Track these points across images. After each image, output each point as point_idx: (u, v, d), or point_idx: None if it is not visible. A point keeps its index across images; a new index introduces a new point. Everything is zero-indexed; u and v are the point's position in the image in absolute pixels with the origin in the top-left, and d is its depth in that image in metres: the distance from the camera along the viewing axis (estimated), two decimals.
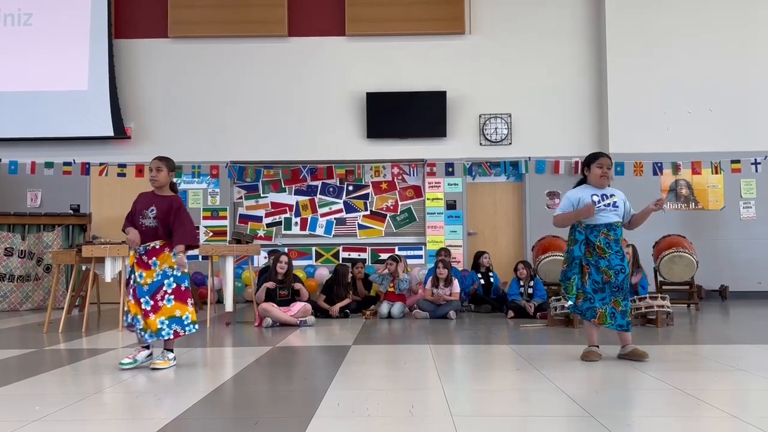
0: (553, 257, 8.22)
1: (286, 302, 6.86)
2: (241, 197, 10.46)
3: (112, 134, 10.04)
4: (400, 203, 10.37)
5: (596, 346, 4.46)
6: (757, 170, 9.46)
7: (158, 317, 4.20)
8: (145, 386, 3.78)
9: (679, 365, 4.35)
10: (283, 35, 10.29)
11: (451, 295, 7.55)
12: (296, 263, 9.29)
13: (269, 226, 10.37)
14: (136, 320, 4.24)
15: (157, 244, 4.26)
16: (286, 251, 8.93)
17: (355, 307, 7.93)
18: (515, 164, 10.04)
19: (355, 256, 10.09)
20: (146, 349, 4.29)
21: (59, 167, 9.66)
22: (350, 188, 10.40)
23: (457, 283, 7.69)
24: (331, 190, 10.40)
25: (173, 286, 4.27)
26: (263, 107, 10.30)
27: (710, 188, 9.93)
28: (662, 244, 8.18)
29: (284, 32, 10.28)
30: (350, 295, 7.92)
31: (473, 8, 10.30)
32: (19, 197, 10.09)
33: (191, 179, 10.17)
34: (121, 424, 3.03)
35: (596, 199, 4.36)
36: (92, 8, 10.22)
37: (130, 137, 10.16)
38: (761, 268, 9.67)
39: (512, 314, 7.38)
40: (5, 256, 8.61)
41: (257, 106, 10.31)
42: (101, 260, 6.41)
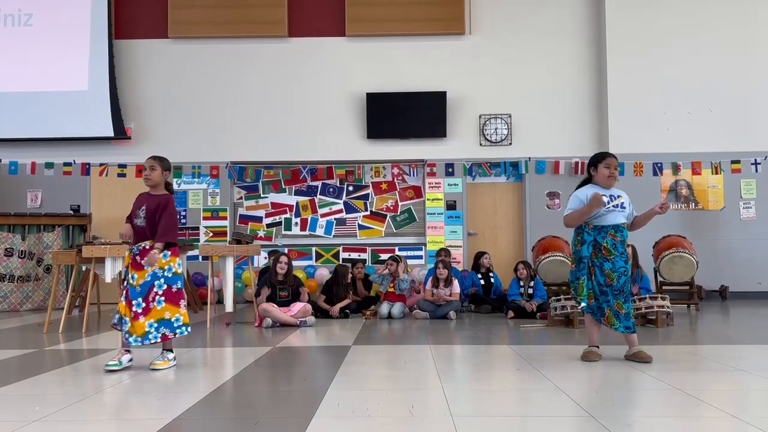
0: (553, 257, 8.22)
1: (286, 303, 6.87)
2: (241, 197, 10.46)
3: (112, 134, 10.05)
4: (400, 203, 10.37)
5: (596, 346, 4.46)
6: (757, 170, 9.48)
7: (147, 320, 4.17)
8: (145, 386, 3.78)
9: (679, 365, 4.34)
10: (283, 35, 10.30)
11: (451, 295, 7.55)
12: (296, 263, 9.28)
13: (269, 226, 10.38)
14: (123, 322, 4.20)
15: (147, 244, 4.24)
16: (286, 251, 8.94)
17: (355, 307, 7.93)
18: (515, 164, 10.05)
19: (355, 256, 10.09)
20: (128, 353, 4.25)
21: (59, 167, 9.68)
22: (350, 188, 10.40)
23: (457, 283, 7.70)
24: (331, 190, 10.40)
25: (164, 287, 4.23)
26: (263, 107, 10.30)
27: (710, 188, 9.93)
28: (662, 244, 8.18)
29: (284, 32, 10.28)
30: (350, 295, 7.91)
31: (473, 8, 10.30)
32: (19, 197, 10.09)
33: (191, 179, 10.18)
34: (121, 424, 3.04)
35: (605, 199, 4.34)
36: (92, 9, 10.22)
37: (130, 137, 10.17)
38: (761, 268, 9.67)
39: (512, 314, 7.39)
40: (5, 256, 8.62)
41: (257, 106, 10.31)
42: (101, 261, 6.41)
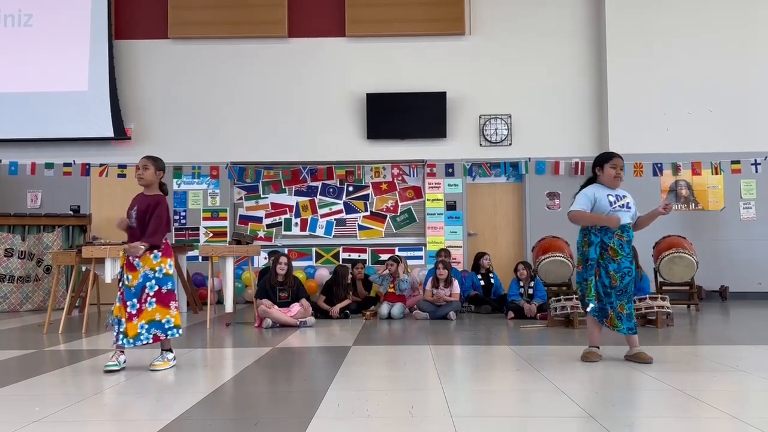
0: (553, 258, 8.23)
1: (286, 303, 6.87)
2: (241, 198, 10.46)
3: (112, 135, 10.05)
4: (400, 204, 10.37)
5: (597, 346, 4.46)
6: (757, 171, 9.48)
7: (140, 321, 4.18)
8: (145, 387, 3.78)
9: (679, 366, 4.34)
10: (283, 36, 10.30)
11: (451, 295, 7.55)
12: (296, 264, 9.28)
13: (269, 226, 10.37)
14: (120, 323, 4.22)
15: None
16: (285, 252, 8.94)
17: (355, 307, 7.92)
18: (515, 165, 10.05)
19: (355, 256, 10.09)
20: (123, 353, 4.25)
21: (59, 168, 9.68)
22: (350, 189, 10.40)
23: (457, 284, 7.69)
24: (331, 190, 10.40)
25: (155, 288, 4.23)
26: (263, 108, 10.30)
27: (710, 189, 9.93)
28: (662, 244, 8.18)
29: (284, 33, 10.28)
30: (350, 295, 7.91)
31: (473, 9, 10.30)
32: (19, 198, 10.09)
33: (191, 180, 10.18)
34: (121, 425, 3.04)
35: (612, 199, 4.35)
36: (92, 9, 10.22)
37: (130, 138, 10.17)
38: (761, 268, 9.67)
39: (512, 315, 7.39)
40: (5, 257, 8.61)
41: (257, 106, 10.31)
42: (101, 261, 6.41)
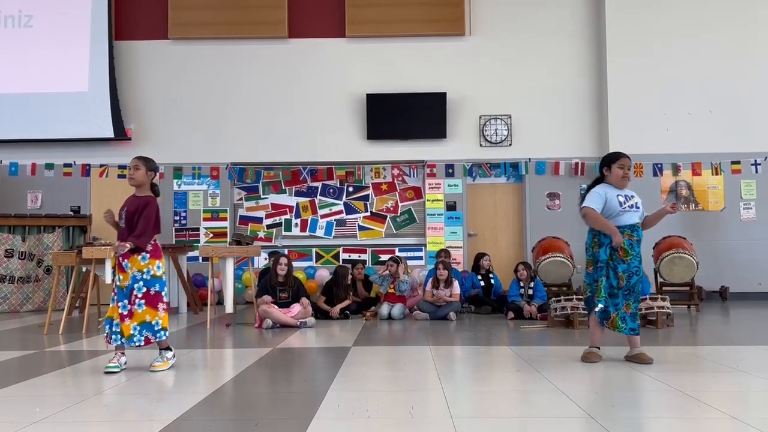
0: (553, 258, 8.24)
1: (286, 304, 6.87)
2: (241, 198, 10.46)
3: (112, 135, 10.04)
4: (400, 204, 10.36)
5: (597, 347, 4.45)
6: (757, 171, 9.48)
7: (132, 323, 4.19)
8: (145, 388, 3.78)
9: (679, 366, 4.34)
10: (283, 36, 10.29)
11: (451, 296, 7.55)
12: (296, 264, 9.28)
13: (269, 227, 10.37)
14: (111, 323, 4.23)
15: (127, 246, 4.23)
16: (285, 253, 8.95)
17: (355, 308, 7.92)
18: (515, 165, 10.05)
19: (355, 257, 10.09)
20: (123, 354, 4.27)
21: (59, 168, 9.68)
22: (350, 189, 10.40)
23: (457, 284, 7.69)
24: (331, 191, 10.40)
25: (143, 290, 4.21)
26: (263, 108, 10.30)
27: (710, 189, 9.93)
28: (662, 245, 8.19)
29: (284, 33, 10.28)
30: (350, 296, 7.91)
31: (473, 9, 10.29)
32: (19, 199, 10.09)
33: (191, 180, 10.18)
34: (121, 425, 3.04)
35: (621, 199, 4.34)
36: (92, 10, 10.22)
37: (130, 138, 10.16)
38: (761, 269, 9.66)
39: (512, 315, 7.39)
40: (6, 257, 8.62)
41: (257, 107, 10.30)
42: (101, 262, 6.41)
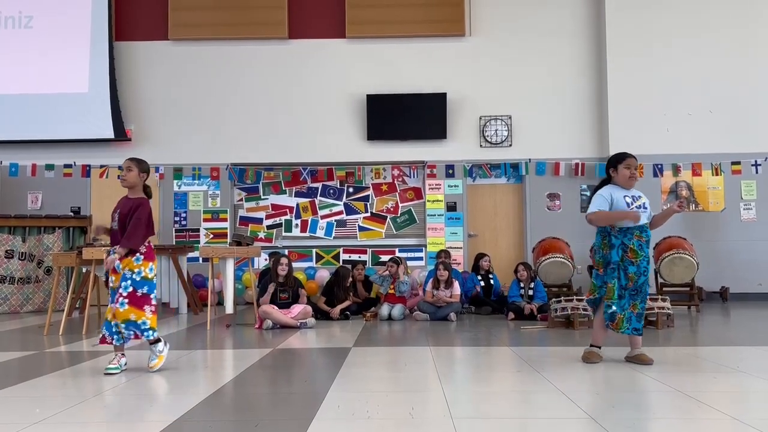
0: (553, 259, 8.24)
1: (286, 304, 6.87)
2: (241, 199, 10.46)
3: (112, 136, 10.05)
4: (400, 205, 10.36)
5: (599, 347, 4.44)
6: (757, 171, 9.48)
7: (118, 320, 4.18)
8: (145, 389, 3.78)
9: (679, 367, 4.34)
10: (283, 37, 10.30)
11: (451, 296, 7.54)
12: (297, 265, 9.28)
13: (270, 228, 10.37)
14: (114, 324, 4.23)
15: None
16: (286, 253, 8.95)
17: (355, 309, 7.92)
18: (515, 166, 10.05)
19: (355, 258, 10.09)
20: (124, 356, 4.27)
21: (60, 169, 9.69)
22: (350, 190, 10.40)
23: (457, 285, 7.68)
24: (331, 191, 10.40)
25: (129, 290, 4.19)
26: (264, 109, 10.30)
27: (710, 190, 9.93)
28: (663, 245, 8.18)
29: (284, 34, 10.28)
30: (350, 297, 7.91)
31: (473, 9, 10.30)
32: (19, 199, 10.09)
33: (192, 181, 10.18)
34: (121, 426, 3.03)
35: (629, 200, 4.32)
36: (92, 11, 10.22)
37: (130, 139, 10.17)
38: (762, 269, 9.65)
39: (512, 316, 7.38)
40: (6, 258, 8.61)
41: (258, 108, 10.31)
42: (102, 262, 6.40)
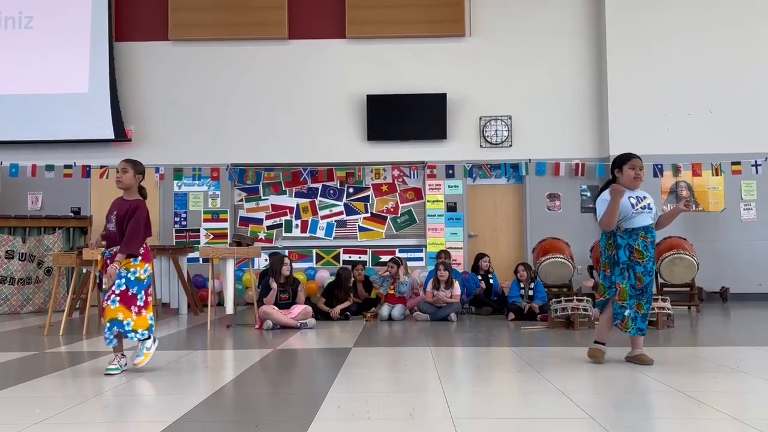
0: (553, 259, 8.24)
1: (286, 305, 6.87)
2: (241, 199, 10.46)
3: (112, 137, 10.04)
4: (400, 205, 10.36)
5: (603, 343, 4.41)
6: (757, 172, 9.48)
7: (106, 319, 4.17)
8: (145, 389, 3.78)
9: (679, 367, 4.34)
10: (283, 38, 10.29)
11: (451, 297, 7.54)
12: (297, 266, 9.28)
13: (270, 228, 10.37)
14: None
15: (116, 249, 4.20)
16: (286, 254, 8.94)
17: (355, 309, 7.92)
18: (515, 166, 10.05)
19: (355, 258, 10.09)
20: (124, 356, 4.27)
21: (60, 170, 9.69)
22: (351, 190, 10.40)
23: (458, 285, 7.68)
24: (331, 192, 10.40)
25: (122, 287, 4.16)
26: (264, 109, 10.30)
27: (711, 190, 9.92)
28: (663, 245, 8.18)
29: (284, 35, 10.28)
30: (351, 297, 7.92)
31: (473, 10, 10.29)
32: (19, 200, 10.09)
33: (192, 182, 10.18)
34: (121, 427, 3.04)
35: (633, 201, 4.29)
36: (92, 11, 10.22)
37: (130, 140, 10.16)
38: (762, 269, 9.65)
39: (513, 316, 7.38)
40: (6, 259, 8.61)
41: (258, 108, 10.31)
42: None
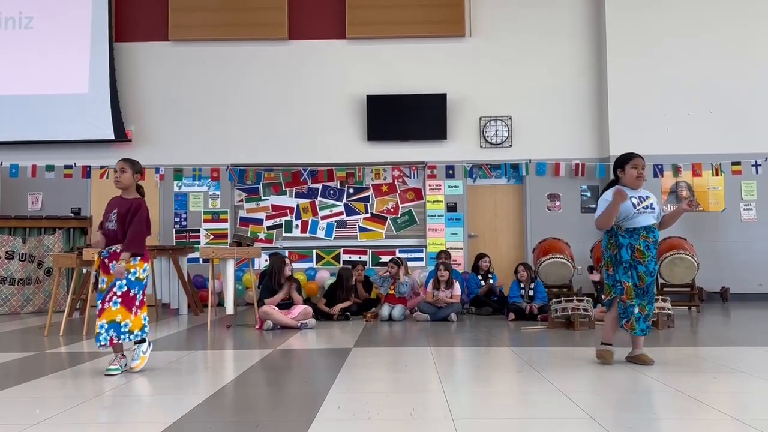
0: (553, 259, 8.24)
1: (286, 305, 6.87)
2: (241, 200, 10.46)
3: (112, 137, 10.04)
4: (400, 206, 10.36)
5: (610, 344, 4.39)
6: (757, 172, 9.48)
7: (100, 320, 4.15)
8: (145, 390, 3.78)
9: (679, 367, 4.34)
10: (283, 38, 10.30)
11: (451, 297, 7.54)
12: (297, 266, 9.29)
13: (270, 228, 10.37)
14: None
15: (117, 248, 4.20)
16: (286, 254, 8.95)
17: (355, 309, 7.92)
18: (516, 166, 10.05)
19: (355, 258, 10.09)
20: (124, 357, 4.26)
21: (60, 170, 9.69)
22: (351, 191, 10.40)
23: (458, 285, 7.68)
24: (331, 192, 10.40)
25: (123, 289, 4.17)
26: (264, 110, 10.30)
27: (711, 190, 9.92)
28: (663, 246, 8.17)
29: (285, 35, 10.28)
30: (351, 297, 7.92)
31: (473, 10, 10.29)
32: (20, 200, 10.09)
33: (192, 182, 10.18)
34: (121, 427, 3.04)
35: (635, 201, 4.29)
36: (93, 11, 10.22)
37: (130, 140, 10.17)
38: (762, 270, 9.65)
39: (513, 316, 7.38)
40: (6, 259, 8.61)
41: (258, 108, 10.31)
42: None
